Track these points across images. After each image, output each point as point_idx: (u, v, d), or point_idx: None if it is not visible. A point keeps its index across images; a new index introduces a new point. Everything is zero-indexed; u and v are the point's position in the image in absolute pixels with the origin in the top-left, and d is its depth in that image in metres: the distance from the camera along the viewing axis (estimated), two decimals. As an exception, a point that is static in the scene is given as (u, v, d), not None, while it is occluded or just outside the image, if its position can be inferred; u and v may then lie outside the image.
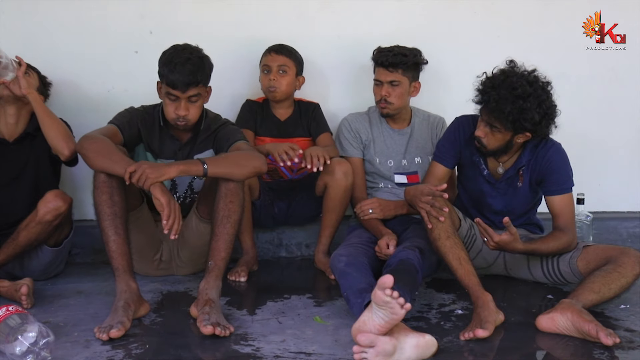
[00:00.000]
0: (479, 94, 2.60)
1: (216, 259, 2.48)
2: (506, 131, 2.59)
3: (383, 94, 3.06)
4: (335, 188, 2.98)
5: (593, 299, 2.40)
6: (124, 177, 2.37)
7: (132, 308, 2.36)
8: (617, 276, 2.44)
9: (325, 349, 2.21)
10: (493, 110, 2.54)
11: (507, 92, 2.51)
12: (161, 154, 2.80)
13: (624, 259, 2.48)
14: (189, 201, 2.91)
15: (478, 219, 2.53)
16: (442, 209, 2.50)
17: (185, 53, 2.63)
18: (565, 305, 2.35)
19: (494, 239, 2.50)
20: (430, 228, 2.54)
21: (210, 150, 2.80)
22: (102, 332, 2.23)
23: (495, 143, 2.64)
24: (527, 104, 2.51)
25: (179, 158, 2.76)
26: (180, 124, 2.70)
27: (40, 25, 3.27)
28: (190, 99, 2.66)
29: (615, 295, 2.46)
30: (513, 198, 2.78)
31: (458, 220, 2.71)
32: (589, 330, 2.23)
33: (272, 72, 3.15)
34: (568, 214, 2.70)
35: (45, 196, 2.64)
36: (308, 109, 3.27)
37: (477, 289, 2.45)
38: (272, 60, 3.16)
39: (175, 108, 2.66)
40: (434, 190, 2.52)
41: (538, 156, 2.71)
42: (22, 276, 2.70)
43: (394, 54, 3.04)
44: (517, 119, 2.52)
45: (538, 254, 2.70)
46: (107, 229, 2.43)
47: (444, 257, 2.54)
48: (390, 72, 3.04)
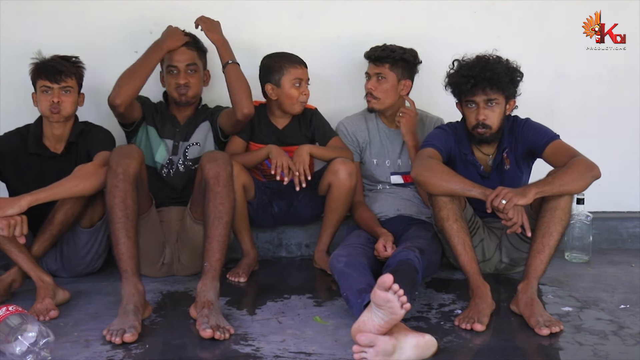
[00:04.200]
0: (465, 80, 2.66)
1: (211, 260, 2.48)
2: (502, 98, 2.68)
3: (369, 87, 3.09)
4: (339, 188, 2.98)
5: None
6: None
7: (140, 311, 2.37)
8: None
9: (325, 349, 2.21)
10: (489, 79, 2.62)
11: (486, 63, 2.66)
12: (162, 134, 3.06)
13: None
14: (183, 169, 3.06)
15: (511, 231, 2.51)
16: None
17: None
18: (519, 294, 2.47)
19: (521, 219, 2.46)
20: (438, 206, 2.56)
21: (206, 122, 3.10)
22: (116, 336, 2.21)
23: (498, 119, 2.70)
24: (503, 62, 2.68)
25: (177, 139, 3.07)
26: (182, 92, 3.01)
27: (40, 25, 3.28)
28: (189, 68, 3.00)
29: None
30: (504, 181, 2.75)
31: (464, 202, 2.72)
32: (530, 324, 2.35)
33: (303, 85, 3.12)
34: (567, 151, 2.63)
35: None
36: (306, 115, 3.23)
37: (477, 277, 2.50)
38: (303, 74, 3.11)
39: (176, 79, 3.00)
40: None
41: (515, 132, 2.78)
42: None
43: (382, 49, 3.09)
44: (511, 77, 2.65)
45: (564, 191, 2.49)
46: (118, 231, 2.45)
47: (449, 240, 2.56)
48: (377, 65, 3.08)
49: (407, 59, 3.09)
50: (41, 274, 2.57)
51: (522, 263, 2.72)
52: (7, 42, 3.28)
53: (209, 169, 2.55)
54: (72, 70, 2.83)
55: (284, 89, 3.12)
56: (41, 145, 2.87)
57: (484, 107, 2.67)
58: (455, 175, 2.55)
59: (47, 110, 2.80)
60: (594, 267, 3.12)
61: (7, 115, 3.19)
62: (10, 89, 3.25)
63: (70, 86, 2.82)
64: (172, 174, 3.06)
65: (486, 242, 2.87)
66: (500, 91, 2.66)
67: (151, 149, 3.05)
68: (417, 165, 2.63)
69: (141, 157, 2.62)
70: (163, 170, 3.06)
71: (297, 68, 3.13)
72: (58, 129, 2.85)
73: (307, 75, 3.14)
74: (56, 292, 2.57)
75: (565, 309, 2.57)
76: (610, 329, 2.37)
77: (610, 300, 2.66)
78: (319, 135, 3.21)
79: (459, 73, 2.71)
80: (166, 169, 3.06)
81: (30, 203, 2.48)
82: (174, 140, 3.07)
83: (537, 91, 3.31)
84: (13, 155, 2.87)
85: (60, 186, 2.57)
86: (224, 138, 3.12)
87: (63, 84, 2.80)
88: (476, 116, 2.69)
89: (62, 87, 2.80)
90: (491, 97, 2.66)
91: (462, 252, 2.53)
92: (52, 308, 2.46)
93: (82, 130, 2.89)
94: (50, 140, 2.88)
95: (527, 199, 2.41)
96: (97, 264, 2.95)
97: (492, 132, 2.71)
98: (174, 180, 3.06)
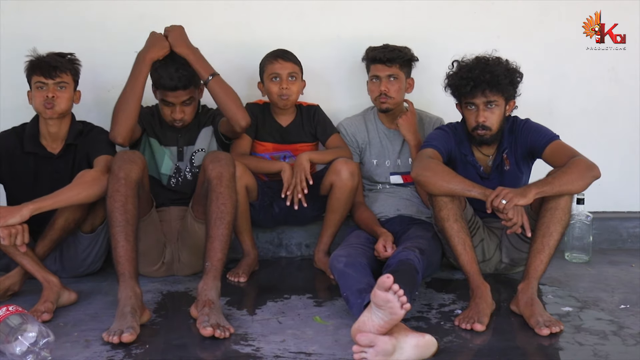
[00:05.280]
0: (464, 82, 2.65)
1: (212, 259, 2.48)
2: (502, 100, 2.68)
3: (382, 89, 3.08)
4: (341, 188, 2.98)
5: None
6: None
7: (138, 314, 2.36)
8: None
9: (325, 349, 2.21)
10: (489, 81, 2.61)
11: (486, 65, 2.65)
12: (164, 142, 3.03)
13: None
14: (190, 177, 3.03)
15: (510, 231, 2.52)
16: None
17: (175, 62, 2.88)
18: (519, 294, 2.47)
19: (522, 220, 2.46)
20: (438, 206, 2.55)
21: (209, 127, 3.07)
22: (113, 336, 2.21)
23: (497, 121, 2.69)
24: (503, 63, 2.67)
25: (181, 144, 3.04)
26: (177, 125, 2.98)
27: (40, 25, 3.28)
28: (185, 103, 2.93)
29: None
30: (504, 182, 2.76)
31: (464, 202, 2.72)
32: (530, 324, 2.36)
33: (283, 80, 3.11)
34: (567, 151, 2.63)
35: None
36: (309, 112, 3.25)
37: (477, 277, 2.50)
38: (281, 68, 3.11)
39: (171, 112, 2.95)
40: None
41: (515, 133, 2.78)
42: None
43: (390, 49, 3.08)
44: (510, 79, 2.65)
45: (564, 191, 2.49)
46: (118, 234, 2.45)
47: (449, 240, 2.56)
48: (388, 67, 3.07)
49: (412, 58, 3.12)
50: (47, 275, 2.56)
51: (522, 263, 2.72)
52: (7, 42, 3.28)
53: (212, 169, 2.56)
54: (67, 66, 2.79)
55: (266, 85, 3.15)
56: (38, 145, 2.84)
57: (484, 109, 2.67)
58: (455, 176, 2.55)
59: (40, 105, 2.76)
60: (594, 267, 3.12)
61: (7, 115, 3.19)
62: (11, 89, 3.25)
63: (66, 82, 2.78)
64: (181, 183, 3.03)
65: (486, 242, 2.87)
66: (499, 93, 2.66)
67: (155, 160, 3.02)
68: (418, 166, 2.63)
69: (143, 162, 2.62)
70: (171, 181, 3.02)
71: (273, 63, 3.13)
72: (53, 126, 2.81)
73: (288, 70, 3.11)
74: (62, 293, 2.56)
75: (565, 309, 2.57)
76: (610, 329, 2.37)
77: (610, 300, 2.66)
78: (319, 132, 3.23)
79: (458, 75, 2.70)
80: (174, 178, 3.03)
81: (33, 212, 2.47)
82: (178, 146, 3.03)
83: (537, 91, 3.32)
84: (9, 154, 2.85)
85: (62, 194, 2.56)
86: (228, 141, 3.11)
87: (58, 80, 2.76)
88: (476, 118, 2.69)
89: (57, 83, 2.76)
90: (491, 99, 2.66)
91: (462, 252, 2.53)
92: (47, 310, 2.45)
93: (80, 131, 2.87)
94: (47, 140, 2.85)
95: (527, 199, 2.41)
96: (97, 265, 2.95)
97: (492, 133, 2.71)
98: (182, 189, 3.02)
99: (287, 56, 3.14)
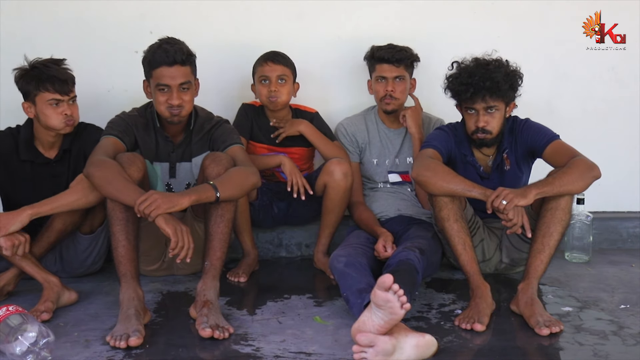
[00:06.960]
0: (464, 87, 2.64)
1: (212, 259, 2.48)
2: (502, 104, 2.67)
3: (389, 89, 3.07)
4: (334, 189, 2.98)
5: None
6: (135, 209, 2.34)
7: (142, 315, 2.36)
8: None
9: (325, 349, 2.21)
10: (489, 88, 2.60)
11: (486, 69, 2.63)
12: (156, 158, 2.81)
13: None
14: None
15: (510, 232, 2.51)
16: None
17: (169, 43, 2.66)
18: (519, 294, 2.48)
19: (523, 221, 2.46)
20: (439, 206, 2.55)
21: (207, 153, 2.77)
22: (120, 340, 2.20)
23: (498, 124, 2.69)
24: (503, 67, 2.65)
25: (173, 160, 2.81)
26: (174, 112, 2.68)
27: (40, 25, 3.28)
28: (182, 87, 2.65)
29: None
30: (504, 182, 2.76)
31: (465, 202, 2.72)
32: (530, 324, 2.36)
33: (272, 83, 3.09)
34: (567, 151, 2.63)
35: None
36: (306, 118, 3.21)
37: (477, 277, 2.51)
38: (270, 70, 3.10)
39: (168, 98, 2.66)
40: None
41: (515, 133, 2.78)
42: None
43: (398, 49, 3.07)
44: (510, 83, 2.64)
45: (564, 191, 2.50)
46: (118, 233, 2.44)
47: (449, 240, 2.56)
48: (396, 67, 3.06)
49: (416, 58, 3.13)
50: (47, 276, 2.56)
51: (523, 263, 2.72)
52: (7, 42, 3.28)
53: (212, 169, 2.55)
54: (72, 78, 2.78)
55: (256, 87, 3.15)
56: (33, 151, 2.83)
57: (484, 113, 2.66)
58: (455, 176, 2.55)
59: (61, 123, 2.74)
60: (594, 267, 3.12)
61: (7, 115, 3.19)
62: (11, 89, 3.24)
63: (75, 94, 2.79)
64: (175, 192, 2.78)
65: (486, 242, 2.87)
66: (500, 98, 2.65)
67: (148, 180, 2.75)
68: (418, 166, 2.63)
69: (143, 164, 2.60)
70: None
71: (263, 65, 3.12)
72: (56, 136, 2.81)
73: (277, 72, 3.09)
74: (62, 292, 2.56)
75: (565, 309, 2.57)
76: (610, 329, 2.37)
77: (610, 300, 2.66)
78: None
79: (458, 80, 2.69)
80: (168, 191, 2.85)
81: (32, 217, 2.47)
82: (170, 162, 2.83)
83: (537, 91, 3.31)
84: (4, 161, 2.83)
85: (62, 199, 2.55)
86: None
87: (72, 94, 2.76)
88: (476, 122, 2.68)
89: (71, 98, 2.76)
90: (491, 104, 2.64)
91: (462, 252, 2.54)
92: (47, 310, 2.45)
93: (74, 133, 2.85)
94: (42, 145, 2.84)
95: (527, 200, 2.41)
96: (97, 266, 2.95)
97: (492, 136, 2.70)
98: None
99: (277, 59, 3.13)
